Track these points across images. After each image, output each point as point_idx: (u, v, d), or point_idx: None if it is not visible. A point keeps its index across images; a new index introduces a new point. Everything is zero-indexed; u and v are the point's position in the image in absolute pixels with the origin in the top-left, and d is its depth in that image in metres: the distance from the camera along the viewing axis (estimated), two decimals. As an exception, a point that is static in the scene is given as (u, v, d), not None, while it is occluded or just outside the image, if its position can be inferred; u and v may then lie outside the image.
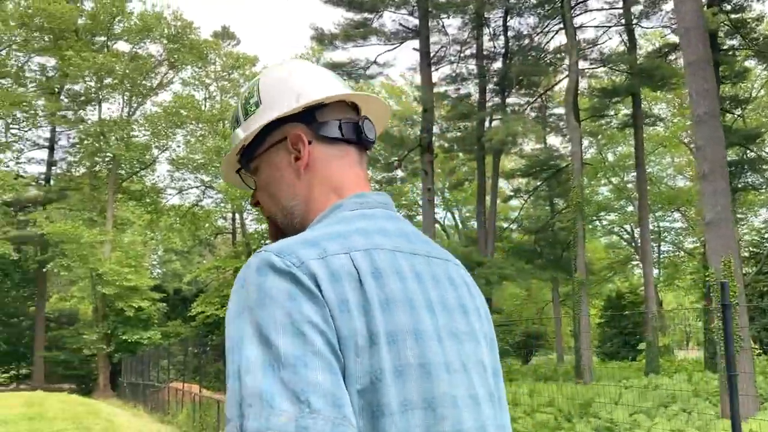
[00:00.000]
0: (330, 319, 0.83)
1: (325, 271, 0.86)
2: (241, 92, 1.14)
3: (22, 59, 35.95)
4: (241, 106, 1.11)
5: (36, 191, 38.32)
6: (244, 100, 1.11)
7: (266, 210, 1.10)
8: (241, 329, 0.84)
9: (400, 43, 22.69)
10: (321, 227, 0.97)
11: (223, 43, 38.77)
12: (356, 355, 0.84)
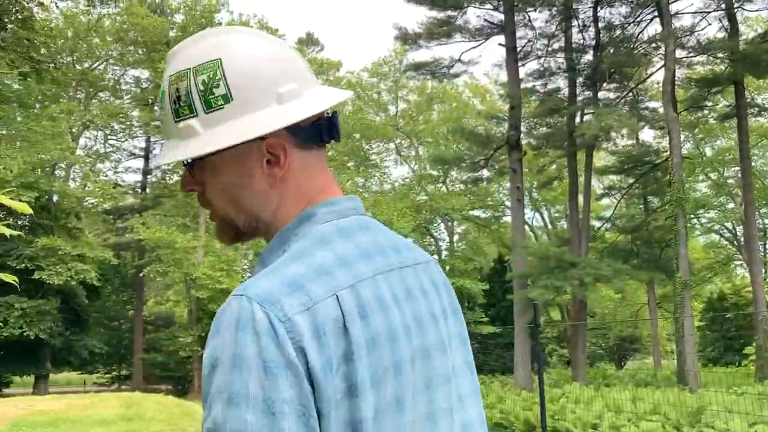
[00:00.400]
0: (309, 393, 0.79)
1: (309, 326, 0.81)
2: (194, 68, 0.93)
3: (118, 73, 37.67)
4: (198, 92, 0.92)
5: (133, 199, 40.00)
6: (204, 86, 0.91)
7: (218, 210, 0.97)
8: (212, 383, 0.80)
9: (485, 39, 22.22)
10: (299, 256, 0.88)
11: (308, 50, 39.31)
12: (336, 407, 0.81)
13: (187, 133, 0.93)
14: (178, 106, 0.93)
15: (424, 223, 36.00)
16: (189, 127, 0.92)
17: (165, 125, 0.96)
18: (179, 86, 0.93)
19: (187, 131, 0.92)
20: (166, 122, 0.96)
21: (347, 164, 35.34)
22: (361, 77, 38.05)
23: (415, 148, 38.54)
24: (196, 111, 0.92)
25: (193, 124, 0.92)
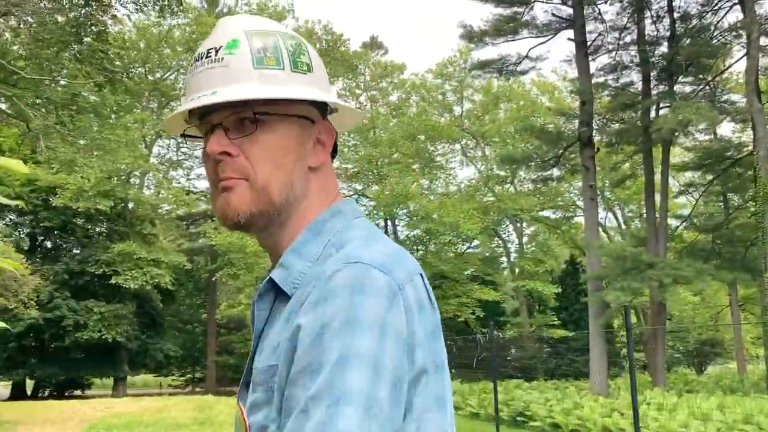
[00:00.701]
0: (408, 362, 0.82)
1: (414, 298, 0.85)
2: (278, 33, 1.00)
3: (188, 82, 38.55)
4: (287, 52, 0.97)
5: (205, 205, 40.89)
6: (291, 50, 0.98)
7: (259, 176, 0.94)
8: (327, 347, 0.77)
9: (553, 34, 21.62)
10: (372, 239, 0.92)
11: (372, 53, 39.33)
12: (429, 381, 0.84)
13: (269, 80, 0.94)
14: (262, 56, 0.95)
15: (491, 225, 35.44)
16: (274, 75, 0.95)
17: (233, 70, 0.94)
18: (264, 40, 0.96)
19: (270, 78, 0.95)
20: (236, 68, 0.94)
21: (412, 166, 35.12)
22: (425, 78, 37.80)
23: (482, 148, 38.00)
24: (282, 65, 0.96)
25: (278, 74, 0.95)
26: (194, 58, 1.00)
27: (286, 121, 0.97)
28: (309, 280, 0.88)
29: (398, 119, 36.41)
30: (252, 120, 0.94)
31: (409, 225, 36.55)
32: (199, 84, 0.95)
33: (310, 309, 0.81)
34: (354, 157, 35.98)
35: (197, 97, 0.94)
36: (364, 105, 39.21)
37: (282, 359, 0.84)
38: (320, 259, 0.93)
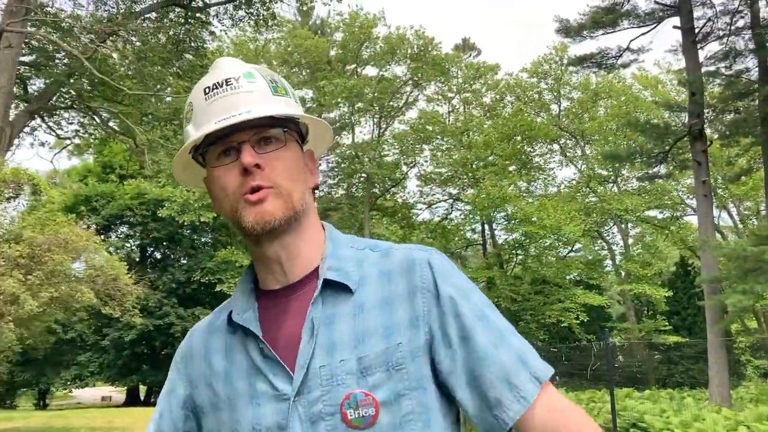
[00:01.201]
0: None
1: None
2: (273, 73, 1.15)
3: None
4: (289, 87, 1.16)
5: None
6: (291, 89, 1.16)
7: (283, 186, 1.07)
8: (484, 299, 1.11)
9: (657, 23, 20.41)
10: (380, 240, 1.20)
11: (464, 55, 38.84)
12: None
13: (287, 105, 1.11)
14: (275, 85, 1.12)
15: (595, 227, 34.08)
16: (287, 102, 1.12)
17: (259, 94, 1.08)
18: (271, 75, 1.13)
19: (286, 104, 1.11)
20: (261, 93, 1.09)
21: (508, 168, 34.31)
22: (520, 78, 36.89)
23: (581, 147, 36.66)
24: (289, 94, 1.14)
25: (290, 101, 1.13)
26: (204, 89, 1.09)
27: (294, 142, 1.13)
28: (392, 270, 1.09)
29: (493, 121, 35.70)
30: (280, 138, 1.09)
31: (507, 228, 35.73)
32: (225, 107, 1.06)
33: (447, 284, 1.07)
34: (448, 161, 35.57)
35: (230, 116, 1.05)
36: (456, 108, 38.79)
37: (412, 334, 1.04)
38: (358, 260, 1.12)
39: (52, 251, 8.71)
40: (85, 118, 23.16)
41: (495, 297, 31.66)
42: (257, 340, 1.07)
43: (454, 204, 39.40)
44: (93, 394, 46.53)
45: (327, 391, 1.00)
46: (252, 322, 1.08)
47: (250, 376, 1.06)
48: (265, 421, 1.02)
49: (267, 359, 1.05)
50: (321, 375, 1.01)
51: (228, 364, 1.10)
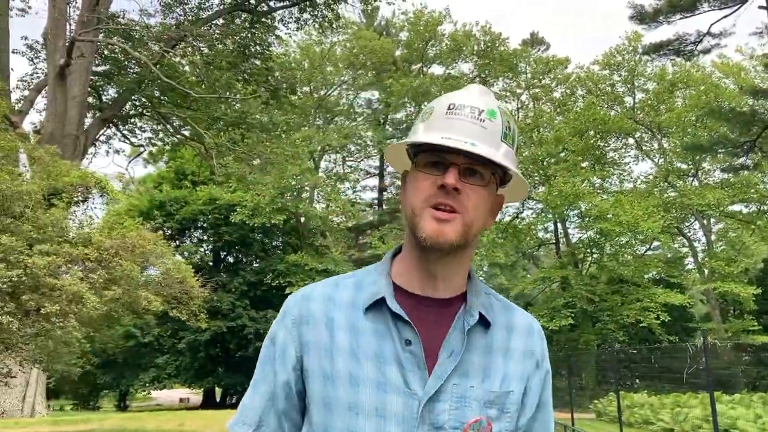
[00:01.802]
0: None
1: None
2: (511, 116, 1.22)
3: (350, 97, 39.56)
4: (516, 136, 1.23)
5: (371, 216, 41.59)
6: (516, 137, 1.24)
7: (472, 218, 1.16)
8: None
9: (740, 4, 19.27)
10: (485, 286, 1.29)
11: (532, 50, 37.95)
12: None
13: (507, 155, 1.18)
14: (507, 132, 1.19)
15: (674, 223, 32.60)
16: (508, 152, 1.19)
17: (489, 134, 1.16)
18: (509, 120, 1.20)
19: (508, 154, 1.18)
20: (491, 132, 1.16)
21: (581, 164, 33.22)
22: (591, 71, 35.72)
23: (658, 140, 35.15)
24: (513, 145, 1.22)
25: (511, 152, 1.20)
26: (449, 105, 1.17)
27: (494, 184, 1.20)
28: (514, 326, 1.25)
29: (564, 116, 34.69)
30: (485, 176, 1.16)
31: (581, 226, 34.63)
32: (457, 129, 1.14)
33: (547, 360, 1.28)
34: (518, 159, 34.72)
35: (458, 139, 1.12)
36: (526, 104, 37.91)
37: (520, 388, 1.21)
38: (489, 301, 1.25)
39: (120, 255, 8.77)
40: (159, 126, 23.73)
41: (570, 297, 30.70)
42: (407, 333, 1.14)
43: (526, 203, 38.48)
44: (171, 396, 47.83)
45: (455, 408, 1.13)
46: (404, 314, 1.15)
47: (380, 362, 1.13)
48: (391, 407, 1.10)
49: (409, 354, 1.13)
50: (452, 392, 1.13)
51: (354, 342, 1.15)
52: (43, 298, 7.51)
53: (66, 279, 7.71)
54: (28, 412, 16.69)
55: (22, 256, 7.41)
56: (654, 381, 22.87)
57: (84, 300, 7.74)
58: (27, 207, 8.05)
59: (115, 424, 13.30)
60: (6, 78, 18.02)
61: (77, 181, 10.08)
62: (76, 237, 8.80)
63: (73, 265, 8.30)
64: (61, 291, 7.58)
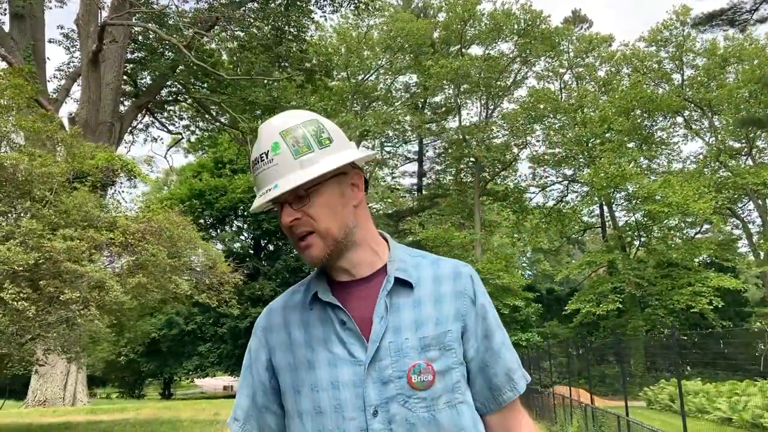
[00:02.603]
0: None
1: None
2: (301, 124, 1.32)
3: (388, 81, 38.97)
4: (311, 136, 1.30)
5: (410, 201, 41.09)
6: (314, 133, 1.31)
7: (322, 226, 1.30)
8: (496, 315, 1.42)
9: (800, -32, 18.06)
10: (415, 250, 1.45)
11: (575, 28, 36.78)
12: None
13: (308, 164, 1.28)
14: (297, 147, 1.28)
15: (727, 204, 31.27)
16: (309, 159, 1.28)
17: (281, 166, 1.28)
18: (294, 135, 1.29)
19: (308, 162, 1.28)
20: (283, 163, 1.28)
21: (627, 144, 32.09)
22: (637, 48, 34.45)
23: (709, 118, 33.72)
24: (312, 148, 1.29)
25: (312, 157, 1.28)
26: (252, 162, 1.32)
27: (327, 183, 1.31)
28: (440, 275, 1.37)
29: (609, 95, 33.55)
30: (309, 192, 1.29)
31: (628, 209, 33.53)
32: (264, 181, 1.29)
33: (481, 295, 1.39)
34: (561, 140, 33.76)
35: (266, 190, 1.28)
36: (569, 84, 36.81)
37: (457, 326, 1.34)
38: (414, 264, 1.38)
39: (146, 239, 8.45)
40: (195, 112, 23.56)
41: (617, 282, 29.78)
42: (341, 315, 1.31)
43: (570, 186, 37.49)
44: (215, 383, 48.28)
45: (395, 360, 1.27)
46: (335, 301, 1.33)
47: (327, 344, 1.31)
48: (342, 378, 1.27)
49: (347, 331, 1.30)
50: (390, 348, 1.28)
51: (306, 334, 1.35)
52: (64, 285, 7.22)
53: (88, 265, 7.40)
54: (69, 401, 16.74)
55: (42, 240, 7.14)
56: (708, 368, 21.94)
57: (107, 287, 7.43)
58: (49, 190, 7.77)
59: (150, 413, 13.15)
60: (42, 67, 17.96)
61: (103, 164, 9.81)
62: (100, 221, 8.50)
63: (98, 251, 7.99)
64: (83, 277, 7.28)
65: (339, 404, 1.27)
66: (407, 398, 1.26)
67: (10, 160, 7.39)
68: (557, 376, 21.50)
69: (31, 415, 13.96)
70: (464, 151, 34.67)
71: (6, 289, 6.79)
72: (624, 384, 11.28)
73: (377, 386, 1.25)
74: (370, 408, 1.25)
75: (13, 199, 7.72)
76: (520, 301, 29.95)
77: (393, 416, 1.25)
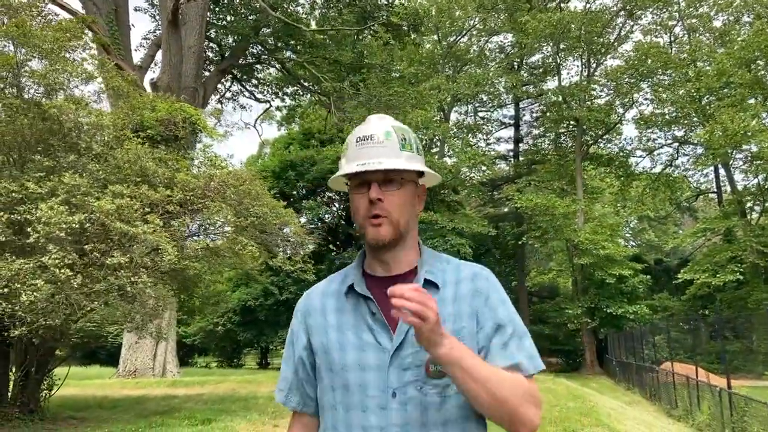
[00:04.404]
0: None
1: None
2: (409, 130, 1.58)
3: (481, 43, 37.17)
4: (414, 141, 1.55)
5: (506, 169, 39.34)
6: (416, 141, 1.56)
7: (395, 217, 1.48)
8: (512, 308, 1.53)
9: None
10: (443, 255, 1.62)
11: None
12: None
13: (408, 158, 1.50)
14: (404, 143, 1.50)
15: None
16: (410, 156, 1.51)
17: (389, 150, 1.48)
18: (404, 133, 1.53)
19: (409, 157, 1.50)
20: (390, 148, 1.48)
21: (747, 100, 29.01)
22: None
23: None
24: (413, 150, 1.53)
25: (412, 155, 1.51)
26: (356, 139, 1.51)
27: (409, 183, 1.51)
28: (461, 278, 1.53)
29: (726, 47, 30.42)
30: (398, 181, 1.48)
31: (748, 171, 30.56)
32: (368, 155, 1.47)
33: (494, 292, 1.51)
34: (671, 98, 31.02)
35: (368, 162, 1.46)
36: (680, 37, 33.76)
37: (471, 322, 1.47)
38: (440, 267, 1.55)
39: (208, 197, 7.66)
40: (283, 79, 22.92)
41: (737, 250, 27.19)
42: (372, 307, 1.48)
43: (680, 148, 34.67)
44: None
45: (416, 351, 1.42)
46: (368, 294, 1.50)
47: (357, 330, 1.48)
48: (368, 362, 1.44)
49: (376, 321, 1.47)
50: (412, 341, 1.40)
51: (340, 319, 1.52)
52: (112, 248, 6.53)
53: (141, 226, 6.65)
54: (159, 371, 16.61)
55: (87, 198, 6.44)
56: None
57: (161, 251, 6.68)
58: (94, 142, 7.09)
59: (228, 388, 12.67)
60: (126, 33, 17.66)
61: (164, 116, 9.09)
62: (158, 177, 7.78)
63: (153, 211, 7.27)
64: (135, 240, 6.56)
65: (364, 383, 1.45)
66: (423, 384, 1.43)
67: (54, 108, 6.74)
68: (668, 352, 19.93)
69: (113, 386, 13.82)
70: (564, 113, 32.59)
71: (50, 253, 6.16)
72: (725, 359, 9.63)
73: (398, 371, 1.43)
74: (390, 390, 1.43)
75: (59, 151, 7.09)
76: (628, 270, 27.95)
77: (409, 398, 1.42)
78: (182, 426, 8.16)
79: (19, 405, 8.33)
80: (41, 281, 6.05)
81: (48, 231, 6.04)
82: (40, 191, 6.39)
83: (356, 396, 1.43)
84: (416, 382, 1.41)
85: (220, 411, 9.68)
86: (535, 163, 35.53)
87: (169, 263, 6.88)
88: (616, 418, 8.52)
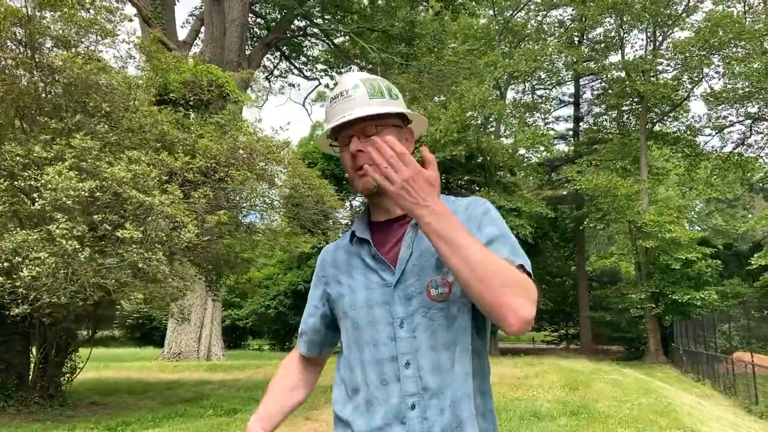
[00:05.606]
0: None
1: None
2: (379, 79, 1.61)
3: (539, 18, 35.63)
4: (385, 88, 1.58)
5: (566, 148, 37.82)
6: (387, 87, 1.59)
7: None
8: (505, 226, 1.52)
9: None
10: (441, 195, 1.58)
11: (763, -63, 31.29)
12: None
13: (378, 104, 1.52)
14: (373, 91, 1.54)
15: None
16: (380, 102, 1.53)
17: (357, 101, 1.52)
18: (372, 83, 1.56)
19: (379, 103, 1.53)
20: (359, 99, 1.52)
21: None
22: None
23: None
24: (384, 96, 1.56)
25: (383, 101, 1.54)
26: (330, 98, 1.57)
27: (389, 128, 1.55)
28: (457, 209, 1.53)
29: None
30: (375, 130, 1.52)
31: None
32: (339, 111, 1.53)
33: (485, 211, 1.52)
34: (745, 72, 29.00)
35: (340, 118, 1.51)
36: (755, 6, 31.53)
37: None
38: None
39: (232, 165, 6.98)
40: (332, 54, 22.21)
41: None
42: (371, 248, 1.55)
43: (754, 125, 32.51)
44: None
45: (417, 279, 1.47)
46: (367, 237, 1.57)
47: (365, 272, 1.55)
48: (375, 299, 1.50)
49: (377, 261, 1.54)
50: (413, 270, 1.48)
51: (348, 264, 1.60)
52: (126, 219, 5.92)
53: (159, 196, 6.02)
54: (204, 354, 16.23)
55: (99, 164, 5.83)
56: None
57: (179, 224, 6.04)
58: (105, 102, 6.46)
59: (267, 373, 12.08)
60: (171, 8, 17.20)
61: (189, 77, 8.44)
62: (179, 143, 7.12)
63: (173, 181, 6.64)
64: (152, 211, 5.93)
65: (373, 320, 1.51)
66: (428, 309, 1.47)
67: (60, 60, 6.14)
68: (739, 341, 18.63)
69: (152, 369, 13.44)
70: (627, 89, 30.92)
71: (57, 221, 5.58)
72: None
73: (403, 302, 1.48)
74: (398, 320, 1.48)
75: (68, 111, 6.50)
76: (695, 255, 26.33)
77: (417, 325, 1.47)
78: (204, 417, 7.58)
79: (38, 389, 7.92)
80: (45, 253, 5.49)
81: (55, 197, 5.47)
82: (46, 155, 5.83)
83: (367, 333, 1.51)
84: (422, 308, 1.47)
85: (250, 399, 9.08)
86: (596, 143, 33.93)
87: (188, 240, 6.24)
88: (698, 418, 7.48)
